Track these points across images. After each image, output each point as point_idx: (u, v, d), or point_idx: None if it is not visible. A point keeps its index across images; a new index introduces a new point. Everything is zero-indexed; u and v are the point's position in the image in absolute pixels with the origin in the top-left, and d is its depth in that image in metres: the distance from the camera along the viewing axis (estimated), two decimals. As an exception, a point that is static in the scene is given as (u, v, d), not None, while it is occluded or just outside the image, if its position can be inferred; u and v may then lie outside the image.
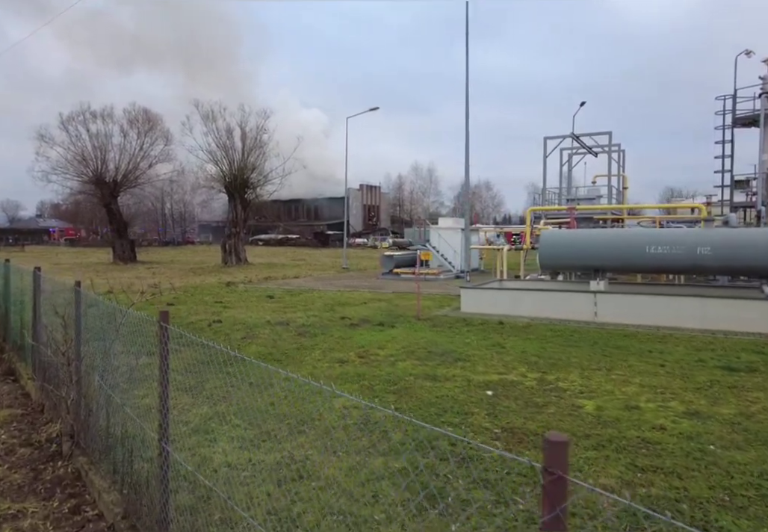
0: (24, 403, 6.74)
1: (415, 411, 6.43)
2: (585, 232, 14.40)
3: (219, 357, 5.07)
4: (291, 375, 3.14)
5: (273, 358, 9.32)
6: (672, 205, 22.81)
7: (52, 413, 5.96)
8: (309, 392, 6.87)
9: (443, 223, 26.50)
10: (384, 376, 7.96)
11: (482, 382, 7.67)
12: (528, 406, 6.67)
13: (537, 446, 5.39)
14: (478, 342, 10.25)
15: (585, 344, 9.97)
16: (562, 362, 8.73)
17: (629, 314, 11.45)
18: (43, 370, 6.74)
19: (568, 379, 7.85)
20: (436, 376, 7.94)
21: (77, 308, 5.12)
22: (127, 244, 37.76)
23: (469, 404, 6.67)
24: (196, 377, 7.73)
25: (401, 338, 10.76)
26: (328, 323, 12.52)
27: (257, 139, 33.36)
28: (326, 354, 9.50)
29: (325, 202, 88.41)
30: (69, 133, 35.63)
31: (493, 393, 7.17)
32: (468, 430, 5.84)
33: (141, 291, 5.31)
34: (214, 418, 6.27)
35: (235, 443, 5.50)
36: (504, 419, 6.15)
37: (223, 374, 7.69)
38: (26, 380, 7.51)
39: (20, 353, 8.62)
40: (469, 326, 11.80)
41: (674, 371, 8.16)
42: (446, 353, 9.33)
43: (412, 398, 6.95)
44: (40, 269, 7.31)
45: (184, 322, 12.76)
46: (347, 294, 18.12)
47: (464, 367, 8.49)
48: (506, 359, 8.93)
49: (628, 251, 12.14)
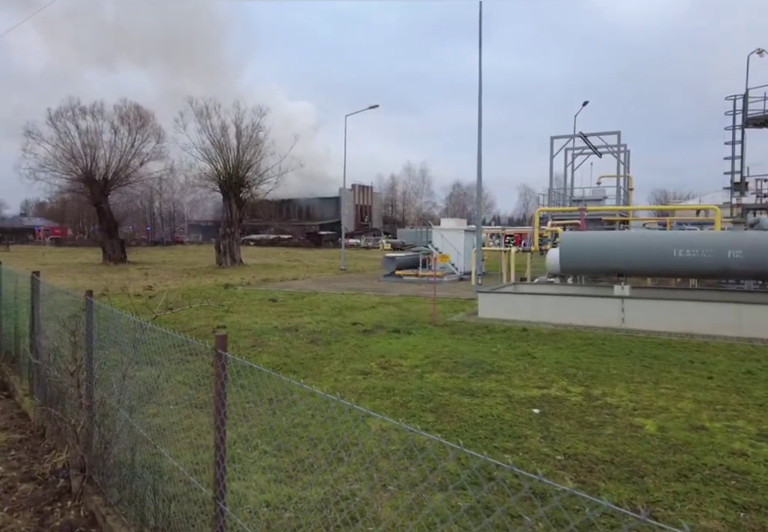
0: (21, 425, 6.00)
1: (462, 434, 5.79)
2: (609, 234, 13.87)
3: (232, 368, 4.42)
4: (317, 392, 2.46)
5: (288, 369, 8.64)
6: (686, 207, 22.43)
7: (56, 439, 5.24)
8: (338, 410, 6.23)
9: (445, 224, 25.90)
10: (415, 390, 7.33)
11: (524, 398, 7.06)
12: (582, 426, 6.06)
13: (611, 476, 4.78)
14: (506, 351, 9.64)
15: (620, 354, 9.40)
16: (602, 374, 8.15)
17: (659, 321, 10.91)
18: (43, 387, 6.02)
19: (614, 393, 7.27)
20: (471, 391, 7.31)
21: (89, 322, 4.43)
22: (117, 244, 36.75)
23: (518, 425, 6.05)
24: (209, 391, 7.06)
25: (422, 346, 10.13)
26: (339, 329, 11.86)
27: (252, 137, 32.57)
28: (345, 364, 8.84)
29: (316, 202, 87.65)
30: (57, 129, 34.60)
31: (540, 411, 6.56)
32: (527, 457, 5.22)
33: (167, 303, 4.60)
34: (238, 442, 5.59)
35: (268, 475, 4.83)
36: (563, 443, 5.54)
37: (237, 387, 7.10)
38: (22, 396, 6.77)
39: (14, 365, 7.86)
40: (491, 332, 11.19)
41: (725, 385, 7.61)
42: (475, 364, 8.71)
43: (453, 417, 6.31)
44: (38, 273, 6.58)
45: (186, 327, 12.04)
46: (353, 297, 17.45)
47: (499, 380, 7.88)
48: (542, 371, 8.33)
49: (655, 254, 11.62)
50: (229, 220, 32.76)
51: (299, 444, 5.58)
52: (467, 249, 24.72)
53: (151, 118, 37.13)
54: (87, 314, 4.46)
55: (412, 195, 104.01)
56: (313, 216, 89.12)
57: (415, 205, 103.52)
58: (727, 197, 35.44)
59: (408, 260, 25.19)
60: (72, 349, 4.53)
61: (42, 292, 6.71)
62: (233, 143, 32.40)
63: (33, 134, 34.12)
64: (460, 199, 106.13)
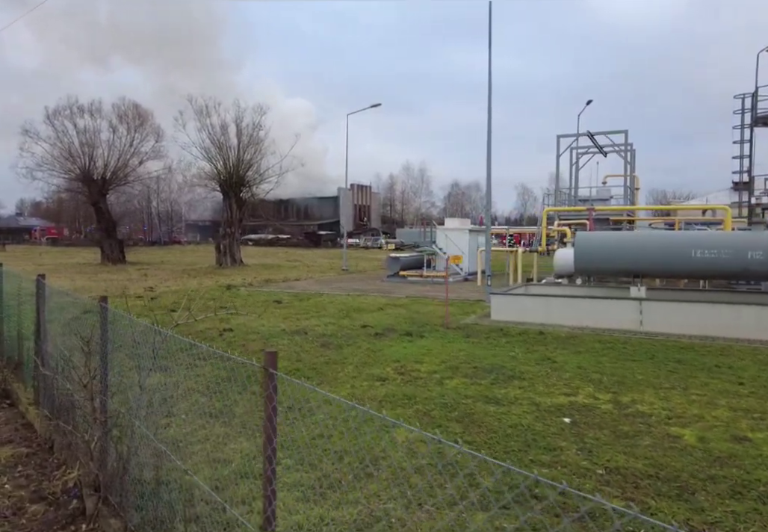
0: (27, 437, 5.68)
1: (494, 446, 5.50)
2: (625, 234, 13.60)
3: (241, 373, 4.09)
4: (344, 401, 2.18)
5: (302, 374, 8.32)
6: (697, 207, 22.22)
7: (66, 454, 4.93)
8: (359, 420, 5.93)
9: (449, 223, 25.60)
10: (436, 398, 7.03)
11: (551, 406, 6.77)
12: (618, 437, 5.78)
13: (660, 493, 4.49)
14: (525, 355, 9.35)
15: (643, 358, 9.12)
16: (628, 380, 7.87)
17: (678, 324, 10.64)
18: (50, 397, 5.69)
19: (644, 400, 6.98)
20: (496, 398, 7.02)
21: (103, 330, 4.11)
22: (115, 244, 36.32)
23: (551, 436, 5.76)
24: (222, 399, 6.76)
25: (437, 350, 9.83)
26: (349, 333, 11.55)
27: (253, 135, 32.20)
28: (360, 370, 8.54)
29: (314, 202, 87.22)
30: (55, 128, 34.15)
31: (571, 421, 6.28)
32: (566, 471, 4.92)
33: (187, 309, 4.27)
34: (258, 455, 5.27)
35: (295, 493, 4.53)
36: (601, 456, 5.25)
37: (248, 393, 6.78)
38: (26, 405, 6.44)
39: (17, 371, 7.52)
40: (506, 336, 10.89)
41: (758, 391, 7.34)
42: (494, 369, 8.41)
43: (481, 427, 6.01)
44: (44, 276, 6.25)
45: (192, 330, 11.69)
46: (359, 299, 17.14)
47: (522, 386, 7.58)
48: (565, 377, 8.05)
49: (673, 255, 11.35)
50: (229, 220, 32.39)
51: (323, 457, 5.27)
52: (472, 249, 24.44)
53: (150, 116, 36.75)
54: (101, 321, 4.15)
55: (411, 195, 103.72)
56: (311, 216, 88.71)
57: (413, 205, 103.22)
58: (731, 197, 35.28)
59: (412, 261, 24.89)
60: (85, 359, 4.21)
61: (47, 295, 6.39)
62: (233, 142, 32.05)
63: (30, 133, 33.71)
64: (458, 199, 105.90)
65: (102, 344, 4.15)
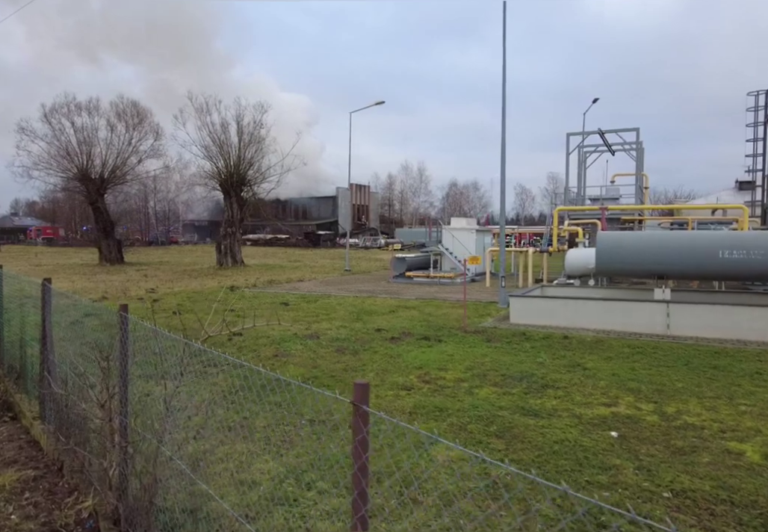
0: (33, 456, 5.20)
1: (543, 465, 5.06)
2: (649, 234, 13.18)
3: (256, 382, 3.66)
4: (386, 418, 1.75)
5: (320, 383, 7.87)
6: (718, 206, 21.84)
7: (78, 478, 4.46)
8: (390, 434, 5.48)
9: (456, 223, 25.13)
10: (470, 410, 6.58)
11: (594, 417, 6.34)
12: (673, 453, 5.34)
13: (741, 522, 4.06)
14: (553, 362, 8.91)
15: (678, 364, 8.69)
16: (668, 389, 7.44)
17: (707, 327, 10.23)
18: (57, 411, 5.23)
19: (691, 411, 6.56)
20: (533, 410, 6.57)
21: (123, 344, 3.65)
22: (114, 244, 35.72)
23: (602, 453, 5.32)
24: (240, 410, 6.28)
25: (459, 356, 9.39)
26: (364, 337, 11.09)
27: (254, 134, 31.67)
28: (382, 377, 8.09)
29: (312, 202, 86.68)
30: (52, 126, 33.52)
31: (618, 435, 5.84)
32: (629, 494, 4.49)
33: (223, 320, 3.81)
34: (288, 477, 4.81)
35: (337, 524, 4.06)
36: (662, 476, 4.81)
37: (264, 403, 6.31)
38: (30, 420, 5.96)
39: (19, 381, 7.04)
40: (529, 340, 10.45)
41: (810, 401, 6.91)
42: (524, 377, 7.97)
43: (525, 443, 5.57)
44: (50, 280, 5.78)
45: (198, 335, 11.20)
46: (368, 301, 16.67)
47: (558, 396, 7.15)
48: (600, 385, 7.61)
49: (700, 256, 10.93)
50: (230, 219, 31.86)
51: (360, 479, 4.81)
52: (479, 250, 24.01)
53: (149, 114, 36.17)
54: (121, 333, 3.68)
55: (410, 194, 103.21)
56: (308, 216, 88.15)
57: (411, 205, 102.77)
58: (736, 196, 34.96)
59: (418, 261, 24.43)
60: (102, 376, 3.75)
61: (50, 299, 5.91)
62: (234, 140, 31.52)
63: (27, 131, 33.09)
64: (456, 199, 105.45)
65: (122, 358, 3.69)
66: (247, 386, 3.88)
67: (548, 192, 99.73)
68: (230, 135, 31.50)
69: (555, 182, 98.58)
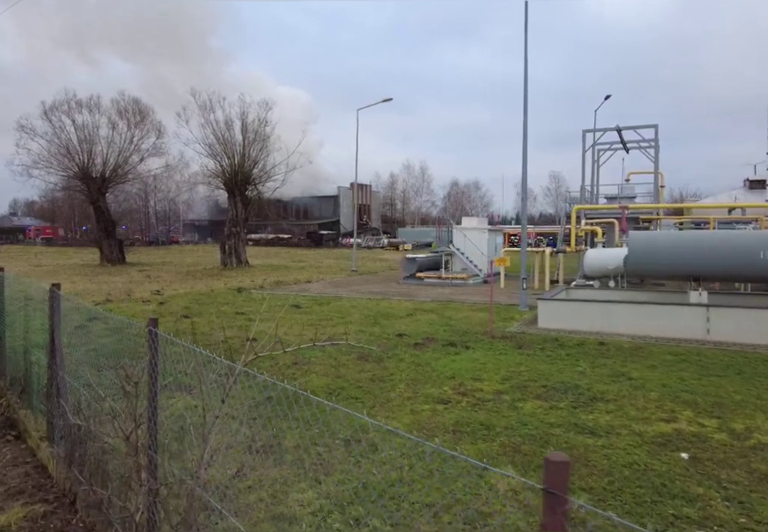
0: (41, 485, 4.61)
1: (619, 495, 4.48)
2: (684, 234, 12.63)
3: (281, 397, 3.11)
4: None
5: (347, 395, 7.30)
6: (742, 205, 21.30)
7: (94, 515, 3.88)
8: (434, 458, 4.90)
9: (467, 223, 24.54)
10: (518, 427, 6.00)
11: (656, 435, 5.77)
12: (759, 479, 4.77)
13: None
14: (594, 371, 8.34)
15: (729, 373, 8.12)
16: (727, 401, 6.86)
17: (750, 332, 9.67)
18: (67, 433, 4.64)
19: (762, 429, 5.99)
20: (588, 427, 6.00)
21: (153, 365, 3.07)
22: (115, 244, 35.10)
23: (680, 479, 4.75)
24: (266, 428, 5.70)
25: (491, 364, 8.81)
26: (385, 342, 10.52)
27: (258, 132, 31.05)
28: (414, 389, 7.51)
29: (314, 201, 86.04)
30: (52, 123, 32.88)
31: (689, 456, 5.26)
32: (728, 534, 3.91)
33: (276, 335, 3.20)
34: (333, 511, 4.23)
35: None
36: (758, 509, 4.24)
37: (290, 420, 5.74)
38: (37, 440, 5.38)
39: (23, 396, 6.45)
40: (563, 347, 9.87)
41: None
42: (568, 389, 7.40)
43: (590, 468, 4.99)
44: (59, 286, 5.20)
45: (212, 340, 10.64)
46: (382, 303, 16.09)
47: (609, 410, 6.57)
48: (652, 397, 7.03)
49: (738, 257, 10.37)
50: (234, 219, 31.26)
51: (414, 514, 4.23)
52: (490, 250, 23.43)
53: (151, 112, 35.55)
54: (151, 353, 3.10)
55: (412, 193, 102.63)
56: (310, 215, 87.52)
57: (413, 204, 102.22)
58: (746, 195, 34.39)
59: (429, 262, 23.85)
60: (127, 401, 3.16)
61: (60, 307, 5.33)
62: (238, 138, 30.91)
63: (26, 129, 32.45)
64: (458, 199, 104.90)
65: (151, 382, 3.11)
66: (294, 416, 3.31)
67: (551, 191, 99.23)
68: (235, 133, 30.91)
69: (557, 181, 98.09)
